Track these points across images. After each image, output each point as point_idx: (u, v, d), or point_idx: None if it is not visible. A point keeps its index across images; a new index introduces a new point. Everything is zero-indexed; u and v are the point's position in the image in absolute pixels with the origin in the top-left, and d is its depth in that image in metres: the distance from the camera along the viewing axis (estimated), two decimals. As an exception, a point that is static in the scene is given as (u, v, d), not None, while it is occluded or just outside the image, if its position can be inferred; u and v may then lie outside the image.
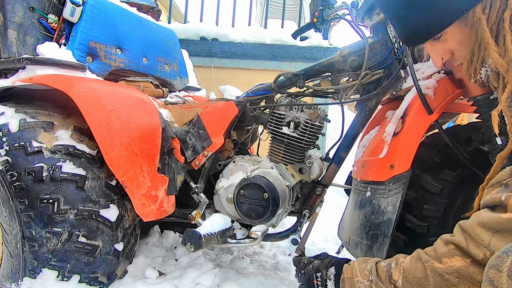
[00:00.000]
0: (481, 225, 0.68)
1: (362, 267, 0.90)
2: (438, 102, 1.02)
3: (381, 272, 0.84)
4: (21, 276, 1.14)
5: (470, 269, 0.68)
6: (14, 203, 1.12)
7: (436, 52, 0.90)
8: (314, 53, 3.29)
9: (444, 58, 0.90)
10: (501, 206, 0.68)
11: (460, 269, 0.68)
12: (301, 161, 1.43)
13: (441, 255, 0.73)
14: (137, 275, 1.39)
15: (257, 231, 1.31)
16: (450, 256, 0.71)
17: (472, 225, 0.70)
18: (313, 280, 1.00)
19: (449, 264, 0.70)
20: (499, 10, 0.76)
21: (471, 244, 0.68)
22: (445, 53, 0.89)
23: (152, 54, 1.88)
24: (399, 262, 0.81)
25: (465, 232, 0.71)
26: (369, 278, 0.86)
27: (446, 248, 0.73)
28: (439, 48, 0.88)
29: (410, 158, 1.01)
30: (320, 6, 1.47)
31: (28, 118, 1.21)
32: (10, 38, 1.43)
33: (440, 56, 0.90)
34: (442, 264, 0.71)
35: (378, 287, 0.83)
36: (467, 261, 0.68)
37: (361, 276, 0.88)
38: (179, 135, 1.46)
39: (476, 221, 0.69)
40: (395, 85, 1.28)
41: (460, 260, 0.69)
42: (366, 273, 0.87)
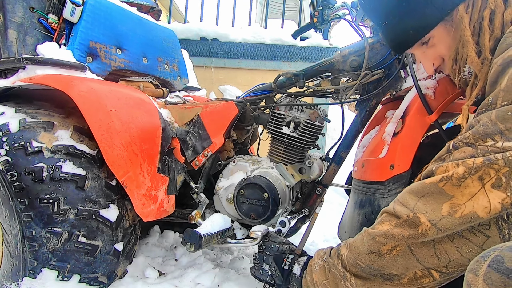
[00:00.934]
0: (410, 191, 0.77)
1: (319, 253, 0.99)
2: (438, 102, 1.02)
3: (332, 251, 0.93)
4: (21, 276, 1.14)
5: (395, 230, 0.76)
6: (14, 203, 1.12)
7: (427, 58, 0.92)
8: (314, 53, 3.29)
9: (435, 63, 0.91)
10: (431, 175, 0.75)
11: (386, 231, 0.77)
12: (301, 161, 1.43)
13: (376, 223, 0.83)
14: (137, 275, 1.39)
15: (257, 231, 1.31)
16: (381, 222, 0.81)
17: (402, 193, 0.79)
18: (284, 257, 1.08)
19: (379, 228, 0.79)
20: (481, 9, 0.78)
21: (397, 207, 0.77)
22: (435, 59, 0.90)
23: (152, 54, 1.88)
24: (348, 240, 0.90)
25: (396, 200, 0.80)
26: (323, 258, 0.95)
27: (380, 217, 0.83)
28: (429, 54, 0.90)
29: (410, 158, 1.01)
30: (320, 6, 1.47)
31: (28, 118, 1.21)
32: (10, 38, 1.43)
33: (431, 62, 0.91)
34: (374, 229, 0.81)
35: (328, 262, 0.91)
36: (392, 223, 0.77)
37: (317, 259, 0.97)
38: (179, 135, 1.46)
39: (407, 189, 0.78)
40: (395, 85, 1.28)
41: (387, 224, 0.78)
42: (321, 254, 0.97)
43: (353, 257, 0.83)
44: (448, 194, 0.69)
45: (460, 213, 0.67)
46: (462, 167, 0.68)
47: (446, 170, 0.71)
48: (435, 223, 0.70)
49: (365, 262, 0.80)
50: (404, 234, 0.74)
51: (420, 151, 1.02)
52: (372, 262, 0.79)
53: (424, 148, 1.08)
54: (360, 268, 0.81)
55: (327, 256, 0.93)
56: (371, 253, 0.79)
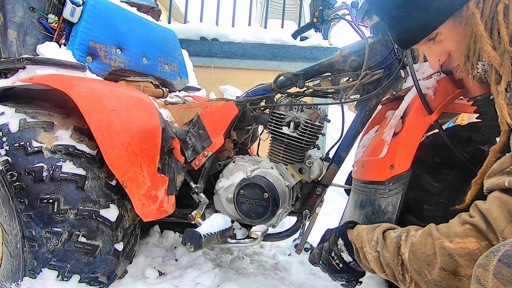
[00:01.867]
0: (500, 206, 0.65)
1: (369, 236, 0.90)
2: (438, 102, 1.02)
3: (389, 243, 0.83)
4: (21, 276, 1.14)
5: None
6: (14, 203, 1.12)
7: (433, 54, 0.90)
8: (314, 53, 3.29)
9: (441, 59, 0.89)
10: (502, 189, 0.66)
11: (472, 252, 0.66)
12: (301, 161, 1.43)
13: (454, 234, 0.70)
14: (137, 275, 1.39)
15: (257, 231, 1.31)
16: (463, 236, 0.68)
17: (492, 208, 0.66)
18: (332, 262, 1.01)
19: (461, 246, 0.67)
20: (493, 4, 0.75)
21: (492, 228, 0.65)
22: (442, 55, 0.88)
23: (152, 54, 1.88)
24: (410, 235, 0.80)
25: (482, 213, 0.68)
26: (376, 249, 0.86)
27: (461, 228, 0.70)
28: (435, 49, 0.88)
29: (410, 158, 1.01)
30: (320, 6, 1.47)
31: (28, 118, 1.21)
32: (10, 38, 1.43)
33: (437, 58, 0.89)
34: (453, 244, 0.69)
35: (385, 257, 0.83)
36: (482, 244, 0.65)
37: (369, 247, 0.88)
38: (179, 135, 1.46)
39: (497, 203, 0.65)
40: (395, 85, 1.28)
41: (474, 242, 0.66)
42: (373, 244, 0.88)
43: (419, 263, 0.74)
44: None
45: None
46: None
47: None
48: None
49: (433, 276, 0.71)
50: None
51: (420, 151, 1.02)
52: (442, 279, 0.70)
53: (424, 148, 1.08)
54: (424, 278, 0.73)
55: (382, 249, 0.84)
56: (444, 270, 0.69)
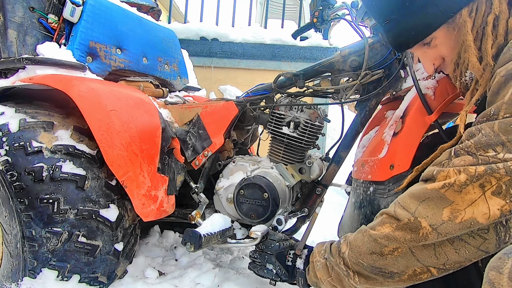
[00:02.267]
0: (410, 195, 0.79)
1: (320, 248, 1.01)
2: (438, 102, 1.02)
3: (333, 248, 0.95)
4: (21, 276, 1.14)
5: (396, 233, 0.78)
6: (14, 203, 1.12)
7: (427, 58, 0.91)
8: (314, 53, 3.29)
9: (436, 64, 0.91)
10: (431, 179, 0.77)
11: (388, 234, 0.79)
12: (301, 161, 1.43)
13: (376, 224, 0.85)
14: (137, 275, 1.39)
15: (257, 231, 1.31)
16: (382, 224, 0.83)
17: (403, 196, 0.81)
18: (286, 254, 1.12)
19: (381, 231, 0.81)
20: (484, 14, 0.78)
21: (398, 210, 0.79)
22: (436, 59, 0.90)
23: (152, 54, 1.88)
24: (347, 238, 0.92)
25: (396, 202, 0.82)
26: (324, 256, 0.97)
27: (380, 217, 0.85)
28: (430, 54, 0.89)
29: (410, 158, 1.01)
30: (320, 6, 1.47)
31: (28, 118, 1.21)
32: (10, 38, 1.43)
33: (431, 62, 0.91)
34: (375, 231, 0.83)
35: (330, 261, 0.93)
36: (393, 226, 0.79)
37: (318, 256, 0.99)
38: (179, 135, 1.46)
39: (408, 192, 0.80)
40: (395, 85, 1.28)
41: (388, 226, 0.80)
42: (322, 252, 0.99)
43: (355, 256, 0.86)
44: (448, 199, 0.71)
45: (460, 218, 0.70)
46: (464, 175, 0.70)
47: (448, 176, 0.73)
48: (435, 227, 0.72)
49: (367, 262, 0.83)
50: (405, 237, 0.76)
51: (420, 151, 1.02)
52: (374, 261, 0.82)
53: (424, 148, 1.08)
54: (362, 266, 0.84)
55: (328, 254, 0.95)
56: (373, 253, 0.82)
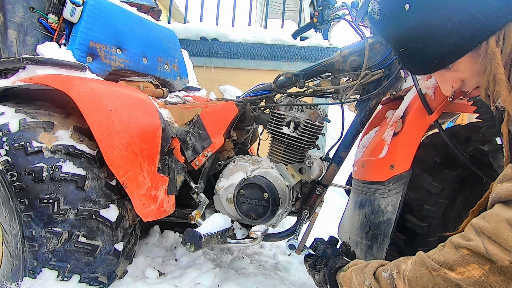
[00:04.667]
0: (508, 226, 0.60)
1: (360, 279, 0.84)
2: (438, 102, 1.02)
3: (384, 285, 0.77)
4: (21, 276, 1.14)
5: (491, 279, 0.61)
6: (14, 203, 1.12)
7: (446, 80, 0.86)
8: (314, 53, 3.29)
9: (455, 86, 0.86)
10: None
11: (480, 280, 0.61)
12: (301, 161, 1.43)
13: (454, 262, 0.66)
14: (137, 275, 1.39)
15: (257, 231, 1.31)
16: (465, 264, 0.64)
17: (495, 227, 0.62)
18: None
19: (467, 275, 0.63)
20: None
21: (492, 248, 0.61)
22: (455, 81, 0.85)
23: (152, 54, 1.88)
24: (401, 271, 0.75)
25: (483, 234, 0.63)
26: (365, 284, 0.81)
27: (457, 253, 0.66)
28: (449, 76, 0.84)
29: (410, 158, 1.01)
30: (320, 6, 1.46)
31: (28, 118, 1.21)
32: (10, 38, 1.43)
33: (450, 84, 0.86)
34: (457, 274, 0.65)
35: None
36: (486, 268, 0.61)
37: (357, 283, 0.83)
38: (179, 135, 1.46)
39: (500, 221, 0.62)
40: (395, 85, 1.28)
41: (477, 269, 0.62)
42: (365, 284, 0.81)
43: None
44: None
45: None
46: None
47: None
48: None
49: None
50: (508, 286, 0.60)
51: (420, 151, 1.03)
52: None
53: (424, 148, 1.08)
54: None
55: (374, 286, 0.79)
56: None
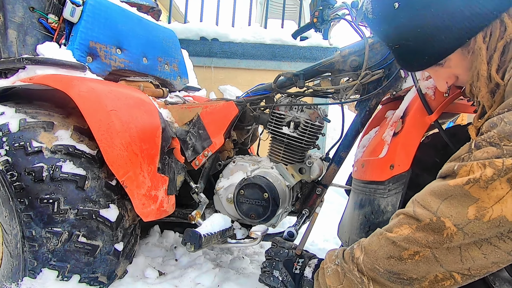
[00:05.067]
0: (431, 193, 0.73)
1: (331, 254, 0.95)
2: (438, 102, 1.02)
3: (346, 254, 0.88)
4: (21, 276, 1.14)
5: (417, 234, 0.72)
6: (14, 203, 1.12)
7: (440, 77, 0.88)
8: (314, 53, 3.29)
9: (449, 82, 0.88)
10: (452, 175, 0.72)
11: (408, 236, 0.73)
12: (301, 161, 1.43)
13: (393, 225, 0.78)
14: (137, 275, 1.39)
15: (257, 231, 1.31)
16: (399, 225, 0.77)
17: (423, 194, 0.75)
18: (294, 262, 1.04)
19: (399, 233, 0.75)
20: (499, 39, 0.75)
21: (418, 210, 0.74)
22: (449, 77, 0.87)
23: (152, 54, 1.88)
24: (361, 242, 0.86)
25: (415, 201, 0.76)
26: (335, 262, 0.90)
27: (396, 218, 0.79)
28: (443, 72, 0.87)
29: (410, 158, 1.01)
30: (320, 6, 1.46)
31: (28, 118, 1.21)
32: (10, 38, 1.43)
33: (444, 80, 0.88)
34: (393, 234, 0.77)
35: (343, 267, 0.87)
36: (413, 227, 0.73)
37: (329, 262, 0.93)
38: (179, 135, 1.46)
39: (427, 190, 0.75)
40: (395, 85, 1.28)
41: (407, 228, 0.74)
42: (333, 257, 0.92)
43: (371, 261, 0.79)
44: (474, 197, 0.66)
45: (488, 217, 0.65)
46: (490, 169, 0.65)
47: (471, 171, 0.68)
48: (461, 227, 0.67)
49: (384, 267, 0.77)
50: (427, 239, 0.71)
51: (420, 151, 1.02)
52: (392, 266, 0.76)
53: (424, 148, 1.08)
54: (378, 272, 0.78)
55: (340, 260, 0.89)
56: (391, 257, 0.76)
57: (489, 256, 0.67)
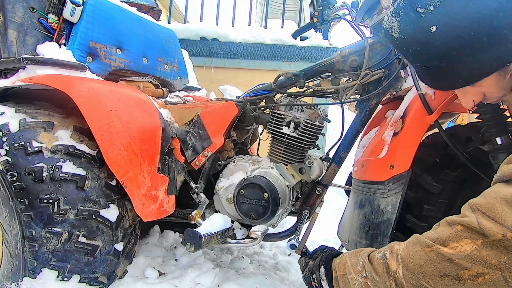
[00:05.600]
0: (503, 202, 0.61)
1: (354, 262, 0.84)
2: (438, 102, 1.02)
3: (376, 265, 0.78)
4: (21, 276, 1.14)
5: (483, 253, 0.61)
6: (14, 203, 1.12)
7: (468, 94, 0.82)
8: (314, 53, 3.28)
9: (476, 100, 0.82)
10: None
11: (472, 254, 0.62)
12: (301, 161, 1.43)
13: (447, 238, 0.66)
14: (137, 275, 1.39)
15: (257, 231, 1.31)
16: (457, 239, 0.65)
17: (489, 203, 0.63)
18: (311, 282, 0.99)
19: (459, 249, 0.64)
20: None
21: (485, 222, 0.62)
22: (477, 95, 0.81)
23: (152, 54, 1.88)
24: (395, 251, 0.75)
25: (477, 210, 0.64)
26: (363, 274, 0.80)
27: (451, 229, 0.67)
28: (471, 91, 0.81)
29: (410, 158, 1.01)
30: (320, 6, 1.46)
31: (28, 118, 1.21)
32: (10, 38, 1.43)
33: (471, 98, 0.82)
34: (449, 249, 0.65)
35: (375, 282, 0.76)
36: (478, 243, 0.62)
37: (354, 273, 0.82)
38: (179, 135, 1.46)
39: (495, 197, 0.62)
40: (395, 85, 1.28)
41: (470, 243, 0.63)
42: (359, 269, 0.82)
43: (415, 277, 0.69)
44: None
45: None
46: None
47: None
48: None
49: (435, 285, 0.66)
50: (499, 259, 0.60)
51: (420, 151, 1.02)
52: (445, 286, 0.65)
53: (424, 148, 1.08)
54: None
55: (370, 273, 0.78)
56: (445, 276, 0.65)
57: None
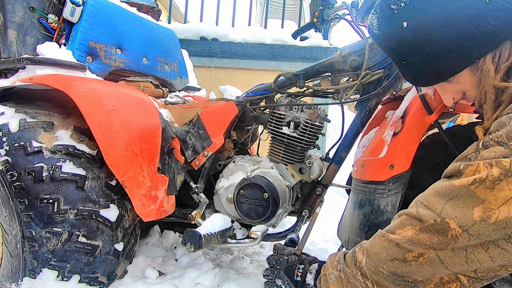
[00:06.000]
0: (435, 193, 0.72)
1: (332, 260, 0.93)
2: (438, 102, 1.02)
3: (348, 258, 0.87)
4: (21, 276, 1.14)
5: (420, 236, 0.71)
6: (14, 203, 1.12)
7: (447, 92, 0.87)
8: (314, 53, 3.28)
9: (456, 98, 0.87)
10: (457, 175, 0.71)
11: (412, 237, 0.72)
12: (301, 161, 1.43)
13: (395, 226, 0.77)
14: (137, 275, 1.39)
15: (257, 231, 1.31)
16: (402, 226, 0.75)
17: (426, 195, 0.74)
18: (294, 269, 1.03)
19: (403, 235, 0.74)
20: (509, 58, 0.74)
21: (422, 210, 0.72)
22: (457, 93, 0.86)
23: (152, 54, 1.88)
24: (362, 245, 0.85)
25: (418, 201, 0.75)
26: (337, 268, 0.89)
27: (398, 219, 0.78)
28: (450, 88, 0.85)
29: (410, 158, 1.01)
30: (320, 6, 1.46)
31: (28, 118, 1.21)
32: (10, 38, 1.43)
33: (451, 95, 0.87)
34: (396, 235, 0.75)
35: (346, 272, 0.85)
36: (417, 228, 0.72)
37: (331, 268, 0.91)
38: (179, 135, 1.46)
39: (431, 190, 0.74)
40: (395, 85, 1.28)
41: (411, 229, 0.73)
42: (335, 263, 0.91)
43: (374, 264, 0.78)
44: (479, 197, 0.65)
45: (494, 218, 0.63)
46: (497, 168, 0.63)
47: (477, 170, 0.66)
48: (466, 229, 0.66)
49: (388, 269, 0.76)
50: (432, 240, 0.70)
51: (420, 151, 1.03)
52: (396, 269, 0.75)
53: (424, 148, 1.08)
54: (382, 275, 0.77)
55: (342, 265, 0.88)
56: (394, 260, 0.75)
57: (496, 258, 0.66)
